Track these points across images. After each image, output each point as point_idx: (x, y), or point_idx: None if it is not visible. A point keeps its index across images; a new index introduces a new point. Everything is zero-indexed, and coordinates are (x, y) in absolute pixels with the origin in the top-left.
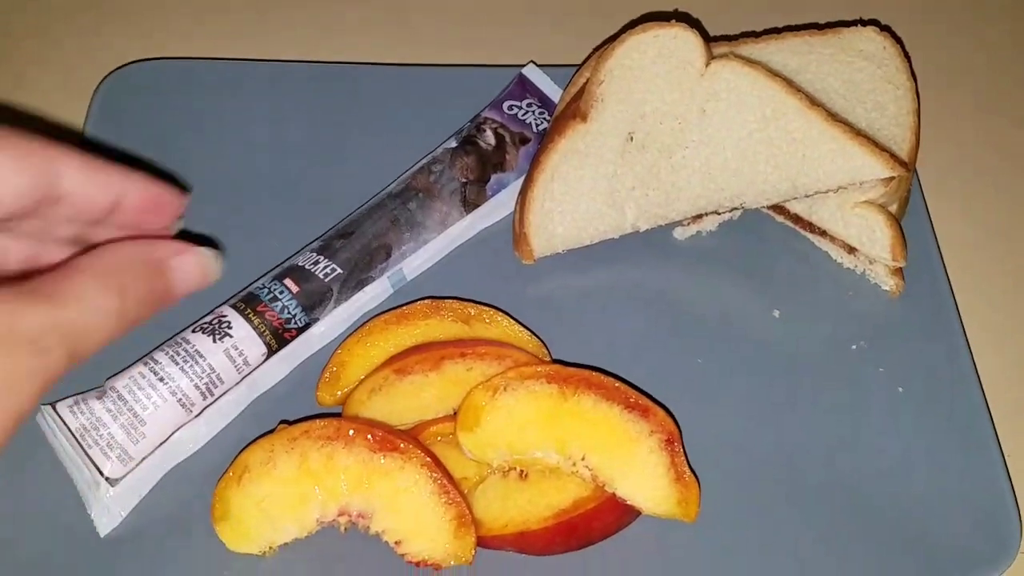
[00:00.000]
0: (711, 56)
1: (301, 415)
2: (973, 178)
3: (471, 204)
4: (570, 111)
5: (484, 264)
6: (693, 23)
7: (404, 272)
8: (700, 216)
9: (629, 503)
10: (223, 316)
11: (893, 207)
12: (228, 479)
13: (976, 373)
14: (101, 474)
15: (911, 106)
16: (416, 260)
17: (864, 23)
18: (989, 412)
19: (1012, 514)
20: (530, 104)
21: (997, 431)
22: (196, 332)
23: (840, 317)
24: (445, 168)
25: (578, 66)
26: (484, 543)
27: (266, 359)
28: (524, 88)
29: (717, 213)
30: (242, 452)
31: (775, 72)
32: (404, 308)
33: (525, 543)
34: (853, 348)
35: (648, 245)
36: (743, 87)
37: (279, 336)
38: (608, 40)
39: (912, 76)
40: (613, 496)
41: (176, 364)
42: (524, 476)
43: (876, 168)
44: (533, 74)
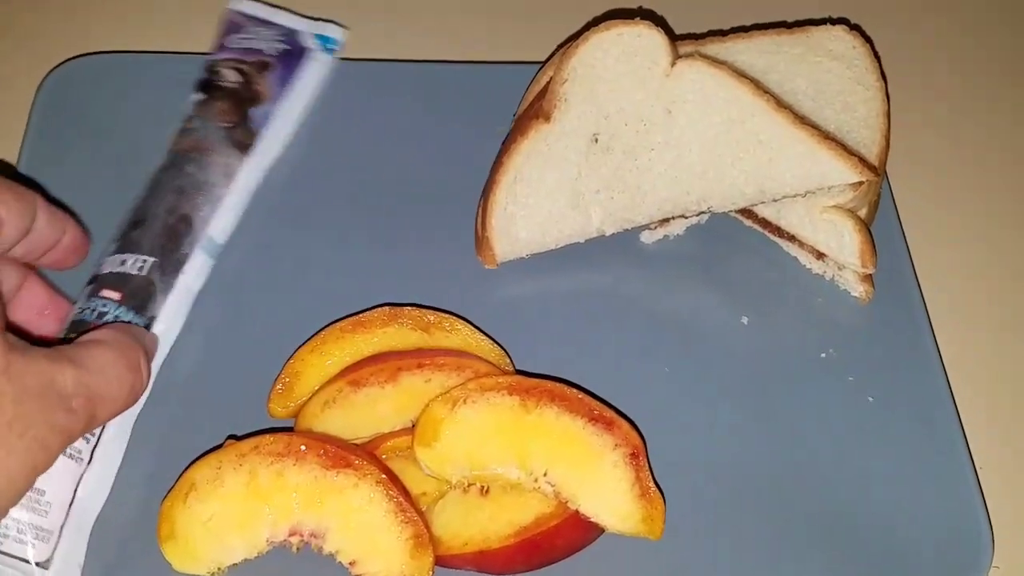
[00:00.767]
0: (677, 55)
1: (251, 429)
2: (944, 182)
3: (245, 146)
4: (533, 111)
5: (444, 269)
6: (658, 21)
7: (214, 238)
8: (667, 220)
9: (592, 520)
10: None
11: (862, 212)
12: (174, 497)
13: (947, 382)
14: (29, 563)
15: (881, 108)
16: (220, 221)
17: (833, 22)
18: (960, 423)
19: (983, 528)
20: (255, 31)
21: (968, 442)
22: None
23: (809, 324)
24: (203, 121)
25: (541, 64)
26: (443, 562)
27: None
28: (240, 19)
29: (684, 217)
30: (188, 469)
31: (742, 72)
32: (361, 316)
33: (485, 562)
34: (822, 356)
35: (614, 249)
36: (709, 88)
37: None
38: (572, 37)
39: (882, 77)
40: (576, 513)
41: None
42: (485, 492)
43: (845, 172)
44: (241, 4)
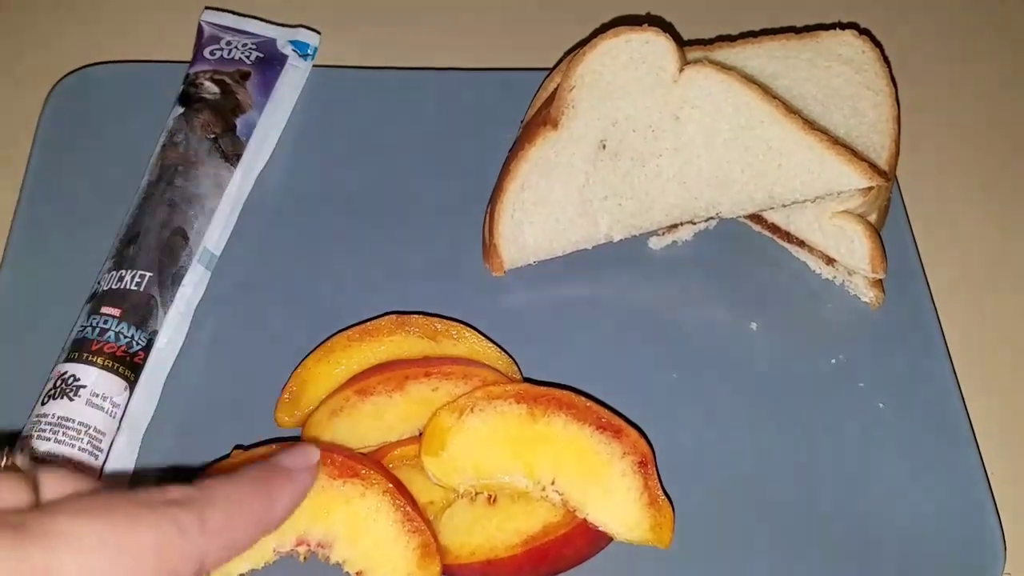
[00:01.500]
0: (685, 61)
1: (258, 438)
2: (954, 186)
3: (233, 156)
4: (540, 118)
5: (451, 276)
6: (666, 27)
7: (210, 249)
8: (675, 226)
9: (601, 529)
10: (63, 374)
11: (872, 217)
12: None
13: (958, 388)
14: None
15: (891, 112)
16: (214, 232)
17: (843, 27)
18: (972, 429)
19: (996, 536)
20: (229, 41)
21: (980, 448)
22: (47, 402)
23: (819, 330)
24: (187, 134)
25: (548, 71)
26: (450, 572)
27: (130, 393)
28: (213, 31)
29: (692, 223)
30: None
31: (751, 78)
32: (368, 324)
33: (493, 572)
34: (832, 362)
35: (622, 256)
36: (718, 94)
37: (130, 364)
38: (579, 44)
39: (892, 81)
40: (584, 522)
41: (48, 440)
42: (492, 500)
43: (854, 178)
44: (212, 16)
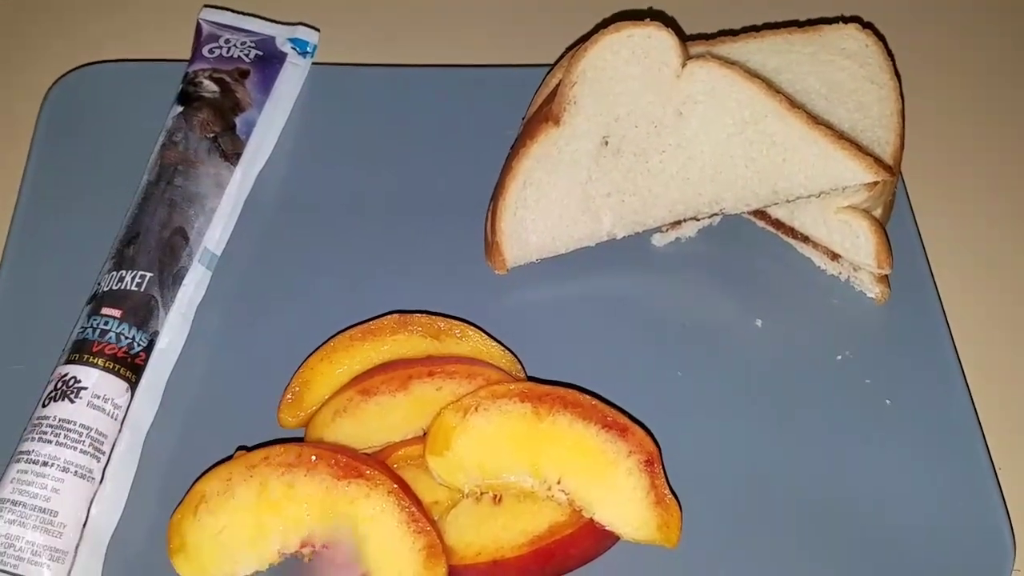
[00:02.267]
0: (687, 56)
1: (262, 439)
2: (960, 181)
3: (233, 155)
4: (542, 114)
5: (454, 275)
6: (668, 22)
7: (210, 249)
8: (679, 222)
9: (607, 528)
10: (64, 375)
11: (878, 212)
12: (184, 510)
13: (965, 383)
14: None
15: (895, 107)
16: (215, 232)
17: (846, 20)
18: (979, 424)
19: (1004, 530)
20: (228, 39)
21: (988, 443)
22: (48, 404)
23: (824, 326)
24: (187, 133)
25: (549, 67)
26: (456, 573)
27: (132, 395)
28: (212, 29)
29: (696, 219)
30: (198, 481)
31: (754, 73)
32: (370, 323)
33: (499, 572)
34: (838, 359)
35: (626, 253)
36: (721, 89)
37: (131, 365)
38: (580, 40)
39: (896, 75)
40: (590, 521)
41: (50, 443)
42: (498, 500)
43: (859, 172)
44: (210, 15)
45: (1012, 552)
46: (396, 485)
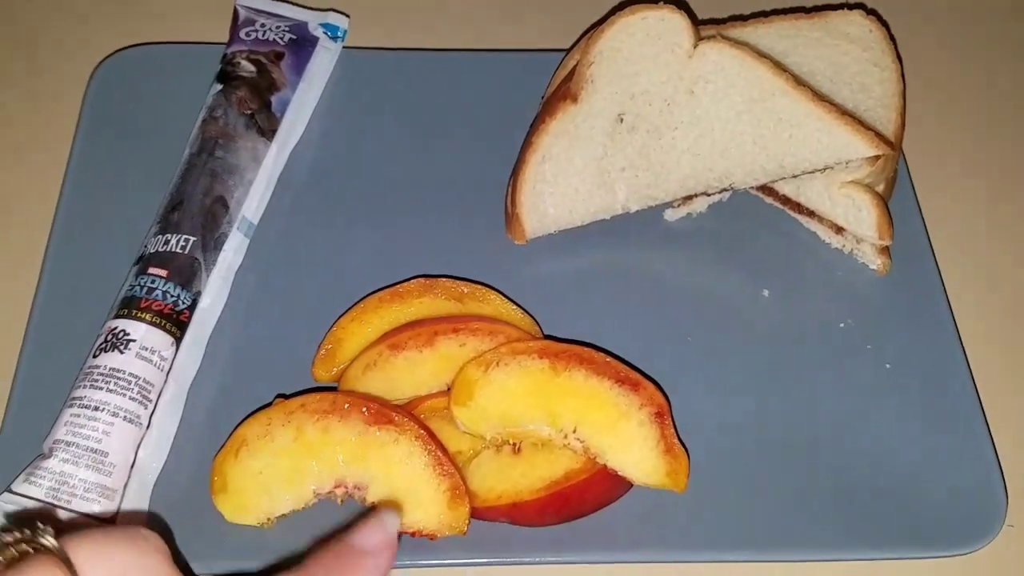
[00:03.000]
0: (699, 38)
1: (298, 390)
2: (959, 158)
3: (269, 131)
4: (561, 92)
5: (476, 244)
6: (681, 5)
7: (248, 218)
8: (690, 197)
9: (620, 474)
10: (114, 328)
11: (880, 187)
12: (226, 452)
13: (963, 349)
14: (95, 519)
15: (896, 88)
16: (252, 202)
17: (851, 7)
18: (975, 387)
19: (998, 488)
20: (263, 24)
21: (983, 405)
22: (99, 355)
23: (828, 296)
24: (226, 109)
25: (567, 49)
26: (478, 514)
27: (176, 349)
28: (248, 14)
29: (707, 194)
30: (240, 425)
31: (762, 54)
32: (398, 287)
33: (518, 514)
34: (841, 326)
35: (639, 226)
36: (731, 68)
37: (176, 321)
38: (597, 23)
39: (898, 58)
40: (604, 468)
41: (100, 389)
42: (517, 450)
43: (861, 147)
44: (247, 0)
45: (1005, 507)
46: (423, 431)
